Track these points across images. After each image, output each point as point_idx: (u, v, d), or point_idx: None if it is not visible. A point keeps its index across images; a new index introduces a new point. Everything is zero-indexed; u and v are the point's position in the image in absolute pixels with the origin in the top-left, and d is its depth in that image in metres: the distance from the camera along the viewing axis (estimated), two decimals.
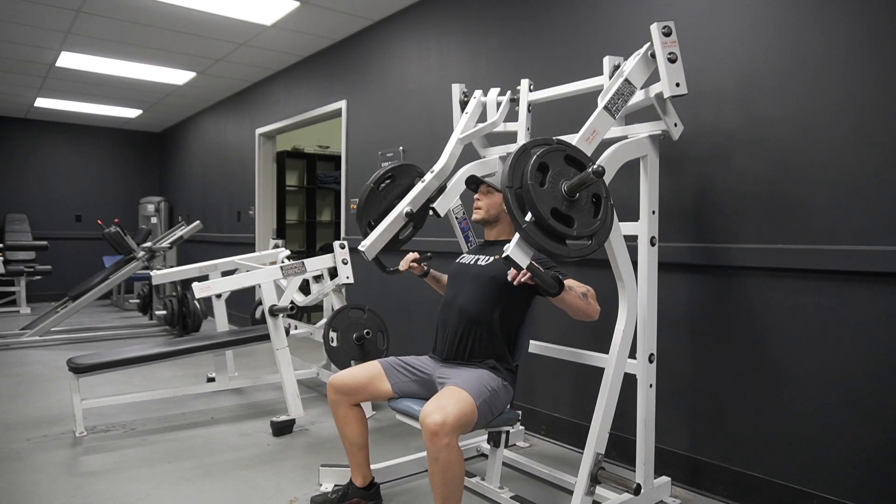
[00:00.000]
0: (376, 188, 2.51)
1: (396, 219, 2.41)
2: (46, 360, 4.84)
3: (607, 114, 2.02)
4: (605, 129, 2.02)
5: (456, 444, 1.81)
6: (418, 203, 2.47)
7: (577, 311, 1.96)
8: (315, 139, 7.26)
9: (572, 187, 1.73)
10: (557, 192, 1.73)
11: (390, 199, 2.53)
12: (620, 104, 2.04)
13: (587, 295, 2.00)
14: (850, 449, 2.07)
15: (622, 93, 2.04)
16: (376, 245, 2.39)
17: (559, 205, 1.72)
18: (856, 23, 2.05)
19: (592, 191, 1.79)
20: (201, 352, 3.45)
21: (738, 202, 2.35)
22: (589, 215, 1.78)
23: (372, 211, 2.52)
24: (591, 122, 2.00)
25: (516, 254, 1.73)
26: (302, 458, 2.83)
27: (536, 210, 1.68)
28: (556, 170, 1.75)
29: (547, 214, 1.68)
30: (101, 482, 2.54)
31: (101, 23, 4.52)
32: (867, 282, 2.03)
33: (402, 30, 4.18)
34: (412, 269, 2.44)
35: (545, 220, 1.68)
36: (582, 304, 1.96)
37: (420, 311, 4.03)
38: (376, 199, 2.52)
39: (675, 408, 2.54)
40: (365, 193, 2.50)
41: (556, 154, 1.78)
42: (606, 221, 1.82)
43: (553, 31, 3.09)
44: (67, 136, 8.66)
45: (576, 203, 1.75)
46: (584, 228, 1.75)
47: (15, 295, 7.41)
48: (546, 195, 1.71)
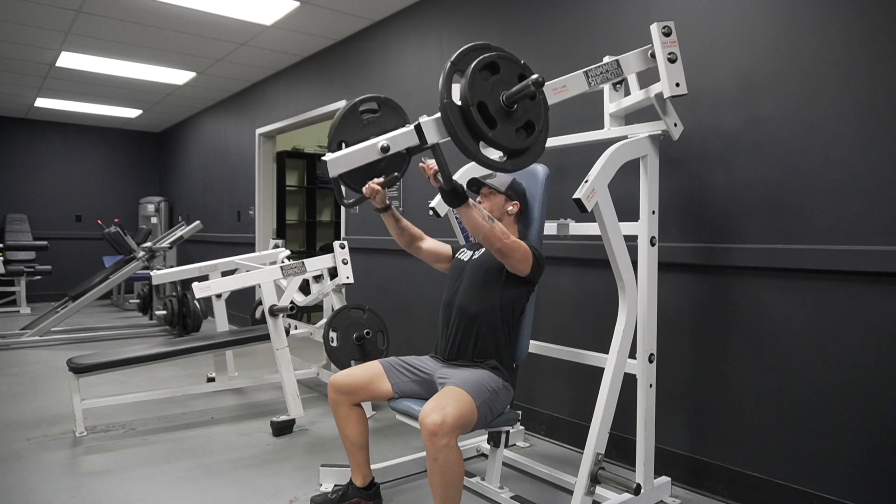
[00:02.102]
0: (357, 108, 2.25)
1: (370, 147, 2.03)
2: (46, 360, 4.84)
3: (584, 77, 2.04)
4: (575, 88, 2.02)
5: (455, 444, 1.81)
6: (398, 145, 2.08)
7: (479, 229, 1.93)
8: (315, 139, 7.26)
9: (510, 96, 1.70)
10: (495, 95, 1.70)
11: (369, 132, 2.25)
12: (600, 77, 2.06)
13: (494, 221, 1.96)
14: (850, 449, 2.07)
15: (607, 69, 2.07)
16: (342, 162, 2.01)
17: (490, 104, 1.69)
18: (855, 23, 2.05)
19: (529, 115, 1.76)
20: (201, 352, 3.45)
21: (737, 202, 2.36)
22: (517, 134, 1.74)
23: (346, 132, 2.21)
24: (566, 77, 2.01)
25: (429, 126, 1.72)
26: (302, 458, 2.83)
27: (465, 94, 1.65)
28: (505, 77, 1.73)
29: (473, 102, 1.65)
30: (101, 482, 2.54)
31: (101, 23, 4.52)
32: (867, 282, 2.03)
33: (402, 30, 4.18)
34: (373, 192, 2.13)
35: (468, 107, 1.65)
36: (485, 225, 1.92)
37: (420, 311, 4.03)
38: (354, 124, 2.24)
39: (675, 408, 2.54)
40: (344, 110, 2.23)
41: (512, 65, 1.75)
42: (532, 149, 1.77)
43: (553, 31, 3.09)
44: (67, 136, 8.66)
45: (509, 115, 1.72)
46: (504, 139, 1.71)
47: (15, 295, 7.41)
48: (482, 88, 1.68)
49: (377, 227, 4.37)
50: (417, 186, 3.98)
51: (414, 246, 2.39)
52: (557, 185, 2.69)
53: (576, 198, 1.91)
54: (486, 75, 1.70)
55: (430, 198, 2.78)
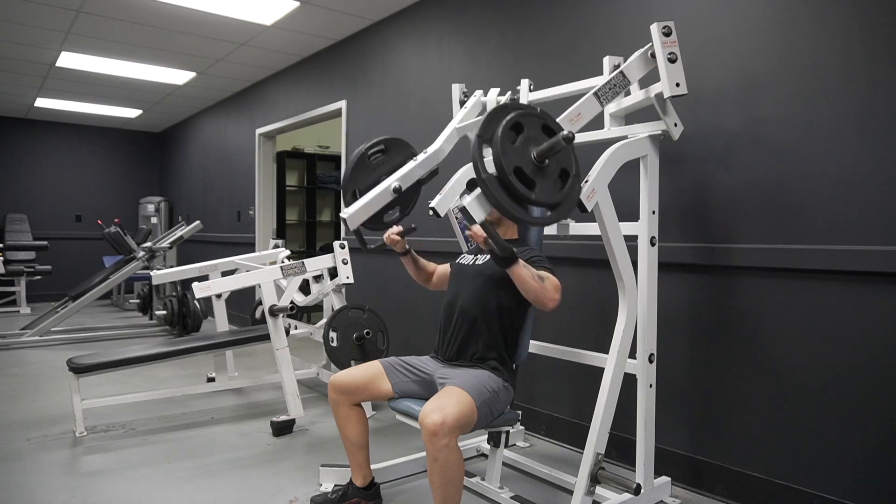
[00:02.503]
0: (366, 156, 2.37)
1: (384, 192, 2.25)
2: (46, 360, 4.84)
3: (596, 100, 2.03)
4: (590, 113, 2.03)
5: (455, 444, 1.81)
6: (408, 181, 2.33)
7: (529, 290, 1.94)
8: (315, 139, 7.26)
9: (541, 152, 1.72)
10: (526, 155, 1.72)
11: (379, 173, 2.40)
12: (611, 94, 2.05)
13: (545, 280, 1.97)
14: (850, 449, 2.07)
15: (615, 84, 2.06)
16: (360, 214, 2.23)
17: (525, 166, 1.70)
18: (856, 23, 2.05)
19: (562, 163, 1.78)
20: (201, 352, 3.45)
21: (737, 202, 2.35)
22: (554, 186, 1.76)
23: (359, 180, 2.37)
24: (578, 105, 2.01)
25: (473, 206, 1.72)
26: (302, 458, 2.83)
27: (501, 165, 1.66)
28: (531, 134, 1.74)
29: (510, 171, 1.67)
30: (101, 482, 2.54)
31: (101, 23, 4.52)
32: (867, 282, 2.03)
33: (402, 30, 4.18)
34: (394, 242, 2.31)
35: (507, 176, 1.66)
36: (535, 285, 1.93)
37: (420, 311, 4.03)
38: (365, 169, 2.38)
39: (675, 408, 2.54)
40: (354, 159, 2.35)
41: (533, 119, 1.77)
42: (571, 196, 1.79)
43: (553, 31, 3.09)
44: (67, 136, 8.66)
45: (543, 170, 1.74)
46: (545, 196, 1.73)
47: (15, 295, 7.41)
48: (514, 153, 1.70)
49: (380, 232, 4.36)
50: None
51: (429, 282, 2.52)
52: None
53: None
54: (512, 136, 1.71)
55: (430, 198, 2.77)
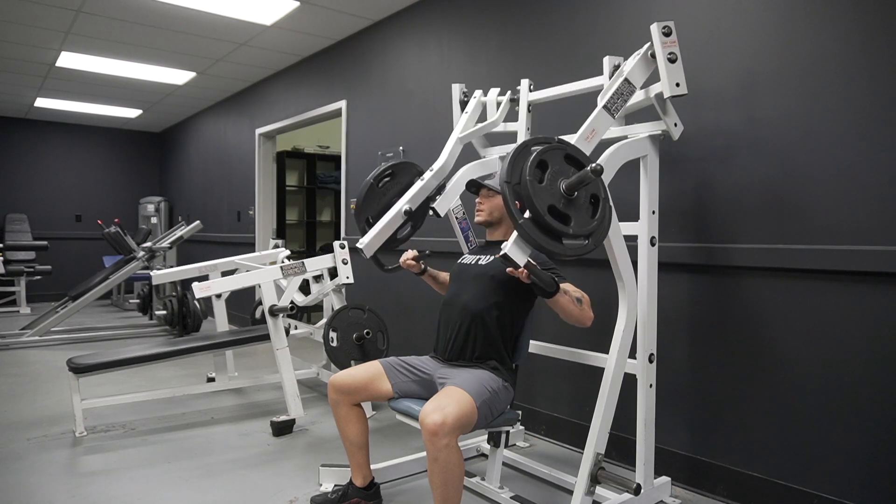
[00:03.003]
0: (376, 184, 2.49)
1: (395, 216, 2.39)
2: (46, 360, 4.84)
3: (606, 113, 2.02)
4: (604, 128, 2.03)
5: (455, 444, 1.81)
6: (417, 201, 2.46)
7: (570, 315, 1.96)
8: (315, 139, 7.26)
9: (570, 186, 1.73)
10: (556, 190, 1.73)
11: (389, 196, 2.52)
12: (620, 104, 2.04)
13: (582, 301, 2.00)
14: (850, 449, 2.07)
15: (621, 92, 2.04)
16: (375, 243, 2.37)
17: (557, 202, 1.72)
18: (856, 23, 2.05)
19: (591, 190, 1.80)
20: (201, 352, 3.45)
21: (738, 202, 2.35)
22: (587, 214, 1.78)
23: (371, 208, 2.50)
24: (591, 121, 2.00)
25: (514, 251, 1.73)
26: (302, 458, 2.83)
27: (534, 207, 1.68)
28: (556, 168, 1.76)
29: (544, 211, 1.68)
30: (101, 482, 2.54)
31: (101, 23, 4.52)
32: (867, 282, 2.03)
33: (402, 30, 4.18)
34: (410, 266, 2.45)
35: (542, 217, 1.68)
36: (575, 310, 1.96)
37: (420, 311, 4.03)
38: (375, 196, 2.50)
39: (675, 408, 2.54)
40: (364, 190, 2.48)
41: (555, 152, 1.78)
42: (604, 221, 1.82)
43: (553, 31, 3.09)
44: (67, 136, 8.66)
45: (574, 202, 1.76)
46: (582, 227, 1.75)
47: (15, 295, 7.41)
48: (544, 192, 1.71)
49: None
50: None
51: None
52: None
53: None
54: (538, 175, 1.72)
55: None
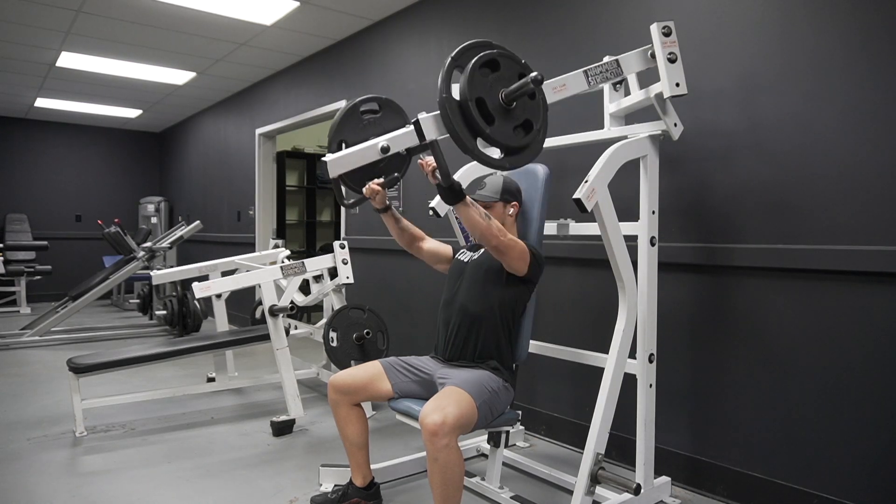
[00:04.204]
0: (358, 108, 2.26)
1: (371, 147, 2.04)
2: (46, 360, 4.84)
3: (583, 77, 2.03)
4: (575, 87, 2.01)
5: (455, 444, 1.81)
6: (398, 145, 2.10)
7: (476, 227, 1.93)
8: (315, 139, 7.26)
9: (509, 93, 1.71)
10: (494, 92, 1.71)
11: (369, 133, 2.24)
12: (600, 77, 2.05)
13: (491, 219, 1.96)
14: (850, 448, 2.07)
15: (607, 69, 2.06)
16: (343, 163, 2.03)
17: (489, 100, 1.69)
18: (856, 23, 2.05)
19: (528, 114, 1.76)
20: (201, 352, 3.45)
21: (738, 202, 2.36)
22: (514, 132, 1.75)
23: (347, 132, 2.22)
24: (565, 76, 2.00)
25: (427, 123, 1.72)
26: (302, 458, 2.83)
27: (464, 89, 1.66)
28: (505, 75, 1.73)
29: (472, 97, 1.66)
30: (101, 482, 2.54)
31: (101, 23, 4.52)
32: (867, 282, 2.03)
33: (402, 30, 4.19)
34: (374, 193, 2.15)
35: (466, 102, 1.65)
36: (481, 222, 1.92)
37: (420, 311, 4.03)
38: (356, 125, 2.24)
39: (675, 408, 2.54)
40: (345, 110, 2.23)
41: (511, 63, 1.76)
42: (529, 148, 1.77)
43: (553, 30, 3.09)
44: (67, 136, 8.66)
45: (507, 113, 1.73)
46: (501, 136, 1.71)
47: (15, 295, 7.41)
48: (481, 84, 1.69)
49: (377, 228, 4.37)
50: (417, 186, 3.98)
51: (414, 246, 2.41)
52: (557, 185, 2.69)
53: (576, 198, 1.91)
54: (486, 72, 1.70)
55: (430, 198, 2.78)
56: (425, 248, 2.42)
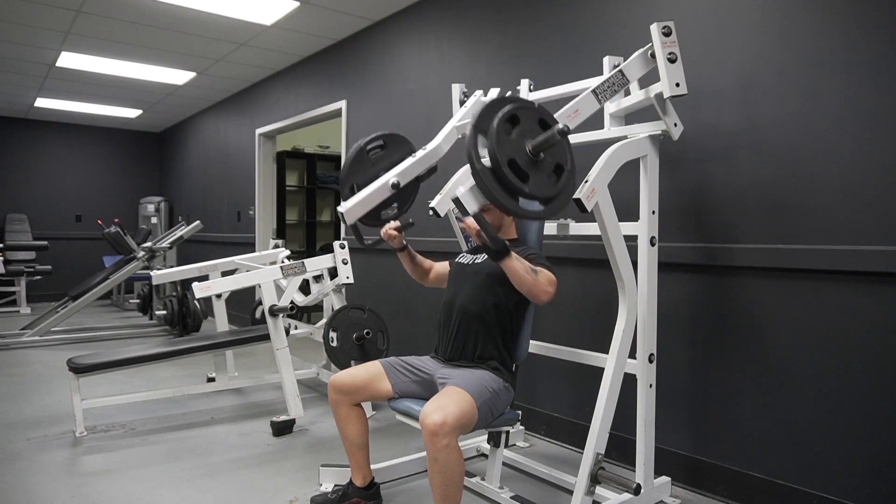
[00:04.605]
0: (365, 150, 2.35)
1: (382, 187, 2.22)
2: (46, 360, 4.84)
3: (594, 97, 2.02)
4: (587, 110, 2.02)
5: (456, 444, 1.81)
6: (406, 177, 2.30)
7: (523, 283, 1.93)
8: (315, 139, 7.26)
9: (536, 146, 1.72)
10: (521, 148, 1.72)
11: (378, 168, 2.37)
12: (609, 92, 2.05)
13: (538, 273, 1.96)
14: (850, 449, 2.07)
15: (613, 82, 2.05)
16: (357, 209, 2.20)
17: (519, 158, 1.70)
18: (856, 23, 2.05)
19: (557, 158, 1.77)
20: (201, 352, 3.45)
21: (738, 202, 2.36)
22: (548, 180, 1.76)
23: (357, 175, 2.34)
24: (576, 101, 2.00)
25: (466, 198, 1.72)
26: (302, 458, 2.83)
27: (494, 155, 1.66)
28: (526, 127, 1.74)
29: (504, 162, 1.67)
30: (101, 482, 2.54)
31: (101, 23, 4.52)
32: (867, 282, 2.03)
33: (402, 30, 4.18)
34: (391, 237, 2.31)
35: (500, 168, 1.66)
36: (528, 279, 1.92)
37: (420, 311, 4.03)
38: (364, 164, 2.35)
39: (675, 408, 2.54)
40: (353, 153, 2.33)
41: (529, 112, 1.77)
42: (565, 192, 1.79)
43: (553, 31, 3.09)
44: (67, 136, 8.66)
45: (538, 164, 1.74)
46: (539, 190, 1.73)
47: (15, 295, 7.41)
48: (508, 144, 1.70)
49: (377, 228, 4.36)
50: None
51: (426, 279, 2.52)
52: None
53: (576, 198, 1.91)
54: (508, 129, 1.71)
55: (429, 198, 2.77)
56: (433, 276, 2.52)
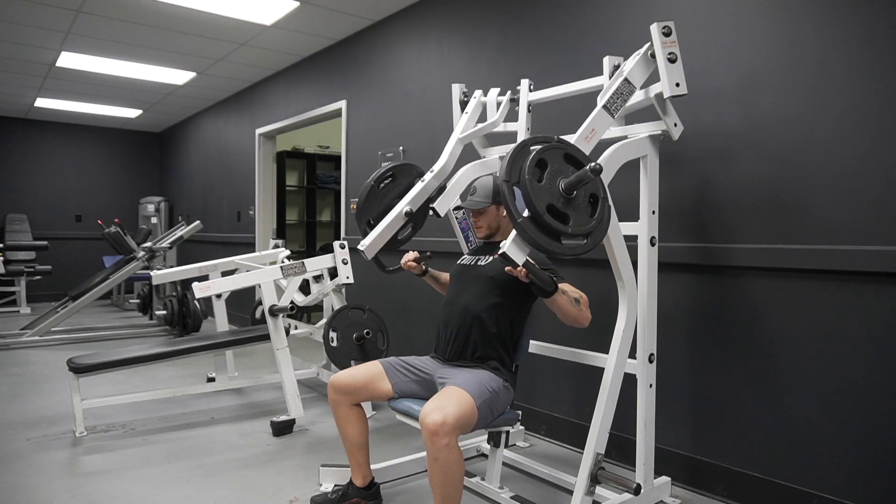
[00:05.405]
0: (376, 187, 2.51)
1: (396, 218, 2.40)
2: (46, 360, 4.84)
3: (606, 113, 2.02)
4: (603, 128, 2.03)
5: (455, 444, 1.81)
6: (418, 203, 2.47)
7: (568, 315, 1.97)
8: (315, 139, 7.26)
9: (570, 185, 1.73)
10: (554, 189, 1.73)
11: (390, 198, 2.53)
12: (619, 103, 2.04)
13: (580, 301, 2.01)
14: (850, 449, 2.07)
15: (621, 92, 2.04)
16: (376, 244, 2.39)
17: (556, 201, 1.72)
18: (856, 22, 2.05)
19: (590, 190, 1.80)
20: (201, 352, 3.45)
21: (738, 202, 2.35)
22: (585, 214, 1.78)
23: (371, 209, 2.51)
24: (590, 121, 2.00)
25: (512, 250, 1.73)
26: (302, 458, 2.83)
27: (533, 205, 1.68)
28: (555, 167, 1.76)
29: (543, 210, 1.68)
30: (101, 482, 2.54)
31: (101, 23, 4.52)
32: (867, 282, 2.03)
33: (402, 30, 4.18)
34: (411, 268, 2.46)
35: (541, 216, 1.68)
36: (573, 310, 1.97)
37: (420, 311, 4.03)
38: (376, 198, 2.52)
39: (675, 408, 2.54)
40: (365, 192, 2.50)
41: (555, 152, 1.78)
42: (603, 221, 1.82)
43: (553, 30, 3.09)
44: (67, 136, 8.66)
45: (573, 201, 1.76)
46: (580, 227, 1.75)
47: (15, 295, 7.41)
48: (543, 191, 1.71)
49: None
50: None
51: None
52: None
53: None
54: (538, 174, 1.72)
55: None
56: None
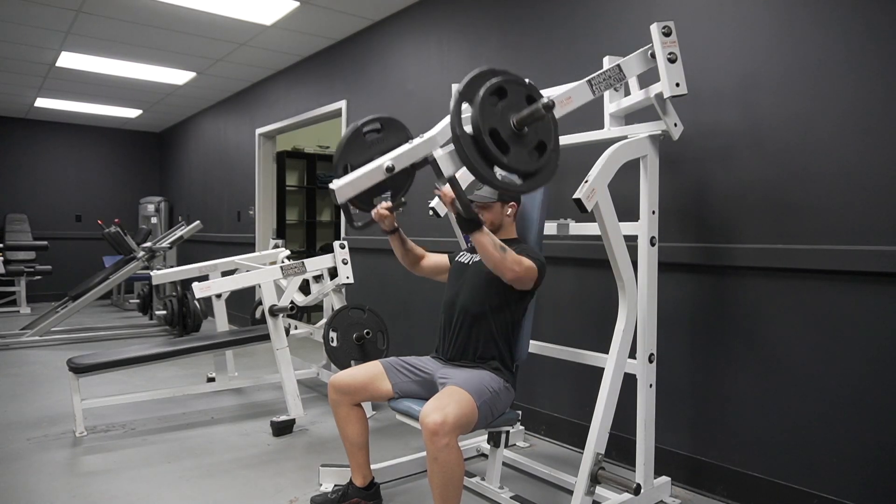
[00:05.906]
0: (361, 130, 2.30)
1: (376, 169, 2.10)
2: (46, 360, 4.84)
3: (587, 87, 2.02)
4: (580, 99, 2.01)
5: (455, 444, 1.81)
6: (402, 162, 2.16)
7: (489, 258, 1.94)
8: (315, 139, 7.26)
9: (521, 120, 1.71)
10: (505, 120, 1.71)
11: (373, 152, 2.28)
12: (604, 84, 2.05)
13: (506, 251, 1.97)
14: (850, 449, 2.07)
15: (610, 75, 2.05)
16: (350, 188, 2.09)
17: (502, 129, 1.70)
18: (856, 23, 2.05)
19: (541, 135, 1.77)
20: (201, 352, 3.45)
21: (738, 202, 2.36)
22: (529, 156, 1.75)
23: (352, 155, 2.27)
24: (570, 89, 1.99)
25: (444, 160, 1.72)
26: (302, 458, 2.83)
27: (477, 123, 1.66)
28: (513, 101, 1.73)
29: (486, 131, 1.66)
30: (101, 482, 2.54)
31: (101, 23, 4.52)
32: (867, 282, 2.03)
33: (402, 30, 4.18)
34: (382, 218, 2.27)
35: (481, 136, 1.66)
36: (496, 255, 1.94)
37: (420, 311, 4.03)
38: (359, 146, 2.29)
39: (675, 408, 2.54)
40: (348, 133, 2.28)
41: (518, 88, 1.76)
42: (546, 169, 1.78)
43: (553, 30, 3.09)
44: (67, 136, 8.66)
45: (521, 138, 1.73)
46: (518, 163, 1.72)
47: (15, 295, 7.41)
48: (492, 114, 1.69)
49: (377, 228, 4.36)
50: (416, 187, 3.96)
51: (417, 266, 2.47)
52: (557, 185, 2.70)
53: (576, 198, 1.91)
54: (494, 101, 1.71)
55: (429, 198, 2.78)
56: (426, 265, 2.47)
